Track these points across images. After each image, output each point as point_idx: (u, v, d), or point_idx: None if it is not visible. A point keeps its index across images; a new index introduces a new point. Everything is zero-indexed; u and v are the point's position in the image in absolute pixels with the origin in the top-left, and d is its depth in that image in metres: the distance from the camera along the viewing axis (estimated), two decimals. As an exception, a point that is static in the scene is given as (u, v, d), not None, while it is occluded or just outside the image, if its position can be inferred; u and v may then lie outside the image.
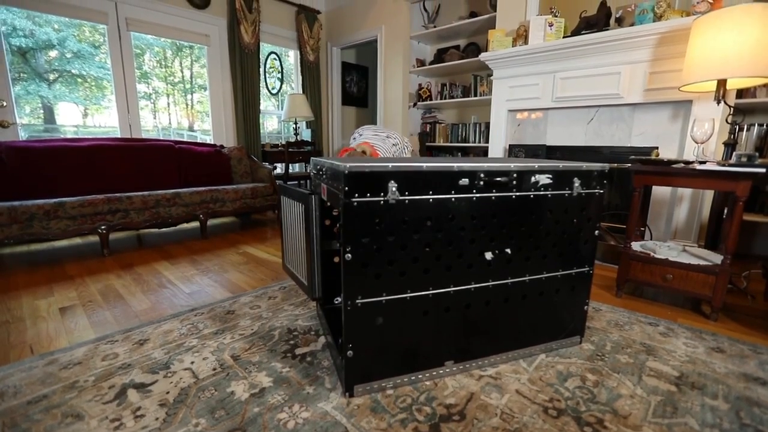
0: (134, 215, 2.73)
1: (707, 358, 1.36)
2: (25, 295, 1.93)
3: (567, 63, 2.65)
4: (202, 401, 1.11)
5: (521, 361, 1.34)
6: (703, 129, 1.78)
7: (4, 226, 2.24)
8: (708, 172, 1.62)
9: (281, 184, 1.82)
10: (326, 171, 1.22)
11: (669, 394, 1.16)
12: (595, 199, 1.35)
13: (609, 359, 1.35)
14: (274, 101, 4.90)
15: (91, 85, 3.47)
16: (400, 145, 2.36)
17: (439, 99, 4.24)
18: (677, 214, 2.37)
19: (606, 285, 2.08)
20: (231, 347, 1.42)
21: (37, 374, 1.25)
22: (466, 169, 1.13)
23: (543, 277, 1.33)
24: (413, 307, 1.16)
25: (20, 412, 1.07)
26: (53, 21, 3.17)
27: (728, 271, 1.61)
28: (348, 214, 1.03)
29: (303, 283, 1.42)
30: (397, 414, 1.06)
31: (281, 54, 4.78)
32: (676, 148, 2.36)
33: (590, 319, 1.65)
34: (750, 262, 2.47)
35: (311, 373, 1.26)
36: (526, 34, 2.81)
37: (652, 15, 2.27)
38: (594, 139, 2.69)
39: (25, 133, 3.15)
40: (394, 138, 2.33)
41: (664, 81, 2.28)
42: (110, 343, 1.45)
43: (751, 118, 2.56)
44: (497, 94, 3.09)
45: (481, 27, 3.73)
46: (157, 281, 2.14)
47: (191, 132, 4.32)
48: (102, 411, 1.07)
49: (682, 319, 1.68)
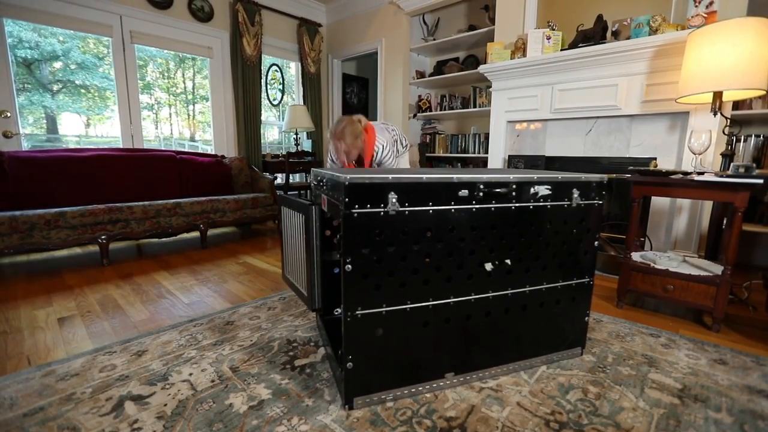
0: (135, 225, 2.73)
1: (710, 370, 1.35)
2: (24, 305, 1.92)
3: (565, 75, 2.68)
4: (200, 414, 1.10)
5: (522, 372, 1.33)
6: (700, 140, 1.80)
7: (5, 235, 2.24)
8: (706, 182, 1.63)
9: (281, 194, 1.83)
10: (327, 182, 1.22)
11: (672, 406, 1.15)
12: (594, 210, 1.35)
13: (611, 371, 1.34)
14: (275, 112, 4.95)
15: (94, 96, 3.51)
16: (398, 136, 2.43)
17: (438, 110, 4.28)
18: (677, 225, 2.38)
19: (607, 296, 2.08)
20: (230, 359, 1.41)
21: (33, 386, 1.23)
22: (466, 180, 1.14)
23: (543, 288, 1.33)
24: (413, 319, 1.15)
25: (16, 425, 1.05)
26: (58, 33, 3.22)
27: (729, 282, 1.61)
28: (348, 225, 1.04)
29: (303, 294, 1.42)
30: (397, 427, 1.05)
31: (283, 66, 4.85)
32: (674, 158, 2.37)
33: (591, 331, 1.64)
34: (750, 273, 2.47)
35: (311, 385, 1.25)
36: (524, 46, 2.85)
37: (648, 29, 2.31)
38: (592, 150, 2.71)
39: (28, 143, 3.17)
40: (392, 132, 2.41)
41: (661, 93, 2.30)
42: (108, 354, 1.44)
43: (747, 129, 2.59)
44: (496, 106, 3.13)
45: (480, 40, 3.79)
46: (156, 291, 2.14)
47: (193, 142, 4.35)
48: (99, 424, 1.06)
49: (684, 331, 1.67)
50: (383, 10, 4.32)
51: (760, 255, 2.65)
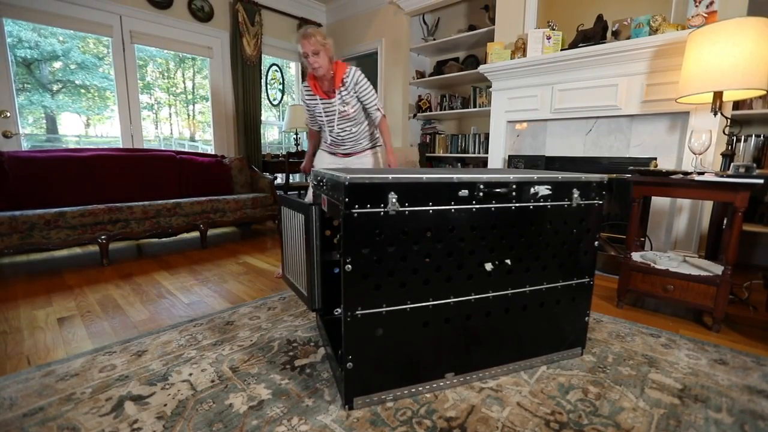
0: (135, 225, 2.73)
1: (710, 370, 1.35)
2: (24, 305, 1.92)
3: (565, 75, 2.68)
4: (200, 414, 1.10)
5: (522, 373, 1.32)
6: (700, 140, 1.80)
7: (5, 235, 2.24)
8: (707, 183, 1.63)
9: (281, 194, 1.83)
10: (327, 182, 1.22)
11: (672, 407, 1.15)
12: (594, 210, 1.35)
13: (611, 371, 1.34)
14: (275, 112, 4.94)
15: (94, 96, 3.51)
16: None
17: (438, 110, 4.28)
18: (677, 225, 2.38)
19: (607, 296, 2.08)
20: (230, 359, 1.41)
21: (33, 386, 1.23)
22: (466, 180, 1.14)
23: (543, 288, 1.33)
24: (413, 319, 1.15)
25: (16, 425, 1.05)
26: (58, 33, 3.22)
27: (729, 282, 1.60)
28: (348, 225, 1.04)
29: (303, 294, 1.42)
30: (397, 427, 1.05)
31: (283, 65, 4.85)
32: (674, 158, 2.37)
33: (591, 331, 1.64)
34: (751, 273, 2.47)
35: (311, 385, 1.25)
36: (524, 46, 2.85)
37: (648, 29, 2.31)
38: (593, 149, 2.71)
39: (28, 143, 3.17)
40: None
41: (661, 93, 2.30)
42: (108, 354, 1.44)
43: (748, 129, 2.59)
44: (496, 106, 3.13)
45: (480, 40, 3.79)
46: (156, 291, 2.14)
47: (192, 142, 4.35)
48: (98, 424, 1.06)
49: (684, 331, 1.67)
50: (383, 10, 4.32)
51: (760, 255, 2.65)
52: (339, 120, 2.11)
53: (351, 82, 2.03)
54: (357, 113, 2.12)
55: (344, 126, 2.14)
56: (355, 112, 2.11)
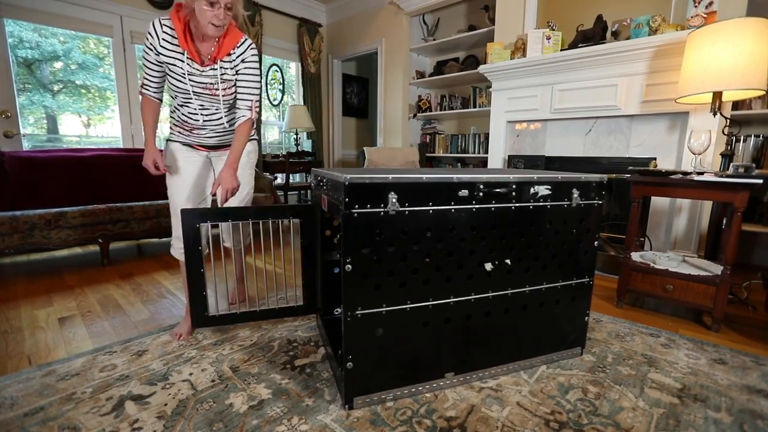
0: (135, 225, 2.73)
1: (709, 369, 1.35)
2: (24, 305, 1.92)
3: (565, 75, 2.68)
4: (200, 414, 1.10)
5: (522, 372, 1.33)
6: (700, 140, 1.80)
7: (5, 235, 2.24)
8: (706, 183, 1.63)
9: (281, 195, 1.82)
10: (327, 182, 1.23)
11: (671, 406, 1.15)
12: (594, 210, 1.36)
13: (610, 371, 1.34)
14: (275, 112, 4.95)
15: (95, 96, 3.51)
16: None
17: (438, 110, 4.28)
18: (676, 225, 2.38)
19: (606, 296, 2.08)
20: (230, 358, 1.41)
21: (34, 385, 1.24)
22: (466, 180, 1.14)
23: (543, 287, 1.33)
24: (413, 319, 1.16)
25: (16, 425, 1.06)
26: (59, 33, 3.22)
27: (728, 282, 1.61)
28: (348, 225, 1.04)
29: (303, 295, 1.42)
30: (397, 427, 1.05)
31: (283, 66, 4.85)
32: (673, 158, 2.38)
33: (591, 330, 1.65)
34: (750, 273, 2.47)
35: (311, 384, 1.25)
36: (524, 47, 2.86)
37: (648, 29, 2.31)
38: (592, 149, 2.71)
39: (29, 144, 3.17)
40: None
41: (661, 93, 2.31)
42: (108, 354, 1.44)
43: (747, 129, 2.59)
44: (496, 106, 3.13)
45: (480, 40, 3.79)
46: (156, 291, 2.14)
47: (193, 142, 4.34)
48: (99, 423, 1.06)
49: (684, 330, 1.68)
50: (383, 11, 4.32)
51: (760, 255, 2.65)
52: (209, 99, 1.52)
53: (238, 57, 1.49)
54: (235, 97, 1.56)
55: (213, 109, 1.55)
56: (233, 96, 1.56)
